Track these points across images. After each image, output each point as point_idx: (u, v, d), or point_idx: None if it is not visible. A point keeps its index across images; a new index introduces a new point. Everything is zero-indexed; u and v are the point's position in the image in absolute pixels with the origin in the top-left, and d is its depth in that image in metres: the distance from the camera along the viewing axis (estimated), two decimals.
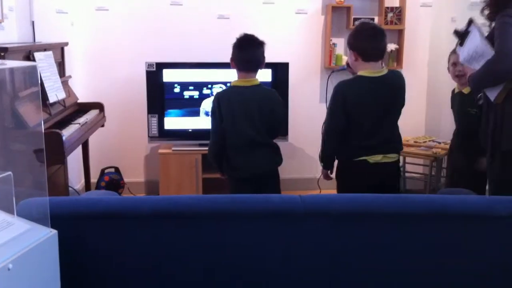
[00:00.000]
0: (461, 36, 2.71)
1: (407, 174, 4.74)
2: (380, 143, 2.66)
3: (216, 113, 2.83)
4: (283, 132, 3.01)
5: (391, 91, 2.67)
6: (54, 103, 3.38)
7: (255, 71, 2.85)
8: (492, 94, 2.60)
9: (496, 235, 1.74)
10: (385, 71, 2.68)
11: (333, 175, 2.89)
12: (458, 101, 3.46)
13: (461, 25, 4.28)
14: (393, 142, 2.72)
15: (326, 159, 2.83)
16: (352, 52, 2.69)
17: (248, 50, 2.81)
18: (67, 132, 3.16)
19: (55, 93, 3.40)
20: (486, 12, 2.61)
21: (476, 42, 2.55)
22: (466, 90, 3.39)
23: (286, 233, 1.73)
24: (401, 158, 4.57)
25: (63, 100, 3.62)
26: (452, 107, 3.57)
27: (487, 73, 2.47)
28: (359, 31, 2.70)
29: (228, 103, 2.81)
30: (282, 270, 1.74)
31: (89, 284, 1.71)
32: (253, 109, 2.79)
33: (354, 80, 2.70)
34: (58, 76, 3.59)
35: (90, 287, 1.71)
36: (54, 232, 1.44)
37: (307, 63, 4.75)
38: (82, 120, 3.59)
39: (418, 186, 4.75)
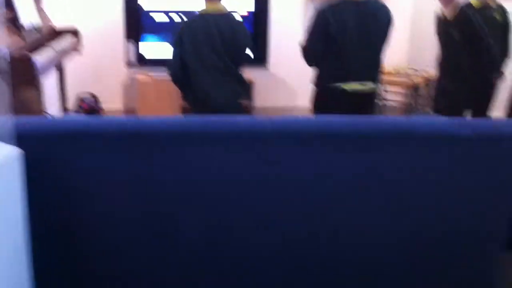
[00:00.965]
0: None
1: (386, 103, 4.75)
2: (358, 70, 2.63)
3: (178, 40, 2.75)
4: (249, 59, 2.97)
5: (375, 18, 2.61)
6: (28, 28, 3.28)
7: None
8: None
9: (464, 156, 1.77)
10: None
11: None
12: (443, 25, 3.39)
13: None
14: (372, 71, 2.70)
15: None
16: None
17: None
18: (39, 56, 3.09)
19: (28, 18, 3.30)
20: None
21: None
22: (448, 14, 3.30)
23: (253, 155, 1.73)
24: (381, 87, 4.59)
25: (37, 25, 3.52)
26: (437, 33, 3.51)
27: None
28: None
29: (192, 29, 2.74)
30: (248, 193, 1.76)
31: (54, 205, 1.71)
32: (216, 35, 2.72)
33: (339, 3, 2.64)
34: (31, 0, 3.48)
35: (56, 209, 1.72)
36: (20, 151, 1.43)
37: None
38: (55, 44, 3.51)
39: (397, 115, 4.78)
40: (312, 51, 2.67)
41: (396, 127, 1.77)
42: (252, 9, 4.31)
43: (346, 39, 2.60)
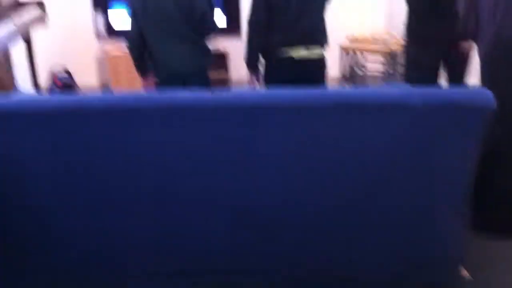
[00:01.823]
0: None
1: (365, 72, 4.65)
2: (302, 35, 2.58)
3: (132, 9, 2.67)
4: (214, 28, 2.82)
5: None
6: None
7: None
8: None
9: (411, 125, 1.70)
10: None
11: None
12: None
13: None
14: (317, 34, 2.64)
15: (250, 57, 2.70)
16: None
17: None
18: None
19: None
20: None
21: None
22: None
23: (196, 128, 1.67)
24: (359, 55, 4.49)
25: None
26: None
27: None
28: None
29: None
30: (188, 167, 1.71)
31: None
32: (168, 1, 2.62)
33: None
34: None
35: None
36: None
37: None
38: (14, 18, 3.39)
39: (379, 83, 4.69)
40: (256, 22, 2.58)
41: (343, 97, 1.70)
42: None
43: (286, 3, 2.54)
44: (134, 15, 2.68)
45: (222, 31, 4.33)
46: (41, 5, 3.86)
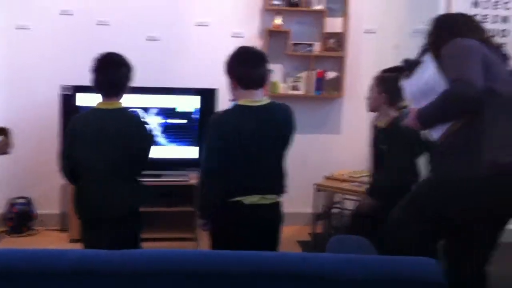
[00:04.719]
0: (411, 65, 2.40)
1: (346, 212, 4.40)
2: (257, 182, 2.38)
3: (68, 137, 2.50)
4: (146, 167, 2.64)
5: (272, 124, 2.39)
6: None
7: (117, 95, 2.50)
8: (437, 132, 2.29)
9: None
10: (265, 101, 2.40)
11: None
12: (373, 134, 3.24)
13: (404, 53, 4.05)
14: (273, 182, 2.43)
15: (203, 205, 2.51)
16: (229, 78, 2.41)
17: (108, 72, 2.47)
18: None
19: None
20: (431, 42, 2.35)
21: (428, 73, 2.25)
22: (380, 123, 3.13)
23: None
24: (339, 195, 4.25)
25: None
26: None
27: (443, 105, 2.14)
28: (234, 56, 2.44)
29: (84, 126, 2.48)
30: None
31: None
32: (113, 134, 2.45)
33: (231, 110, 2.44)
34: None
35: None
36: None
37: None
38: None
39: None
40: (210, 169, 2.39)
41: (263, 263, 1.42)
42: (198, 105, 4.12)
43: (241, 148, 2.36)
44: (69, 148, 2.50)
45: (195, 165, 4.17)
46: (4, 133, 3.74)
